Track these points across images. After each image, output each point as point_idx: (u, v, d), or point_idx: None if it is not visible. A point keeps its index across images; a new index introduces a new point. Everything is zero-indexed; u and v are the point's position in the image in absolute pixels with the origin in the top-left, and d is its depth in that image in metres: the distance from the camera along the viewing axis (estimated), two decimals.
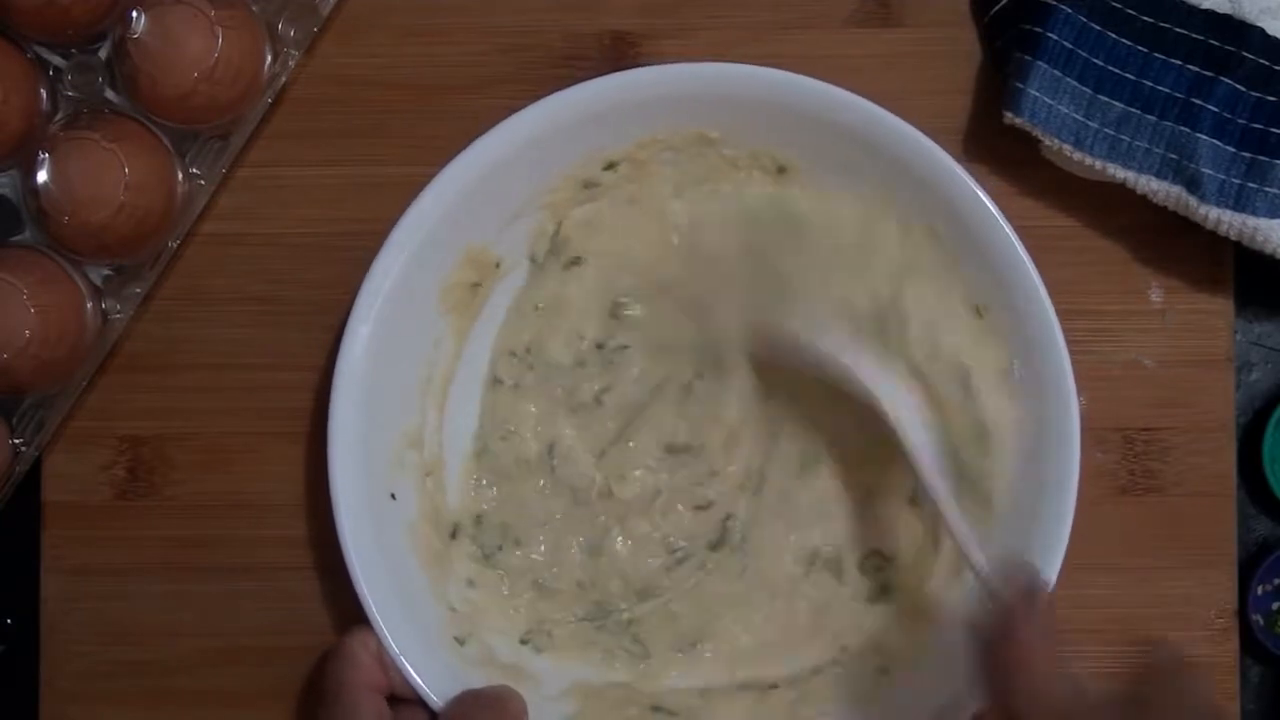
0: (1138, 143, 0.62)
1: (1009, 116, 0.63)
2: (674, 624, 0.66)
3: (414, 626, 0.61)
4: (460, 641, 0.63)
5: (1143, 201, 0.63)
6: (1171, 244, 0.65)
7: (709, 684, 0.65)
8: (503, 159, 0.62)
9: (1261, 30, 0.61)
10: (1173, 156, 0.62)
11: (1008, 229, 0.61)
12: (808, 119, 0.62)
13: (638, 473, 0.66)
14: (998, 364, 0.62)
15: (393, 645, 0.60)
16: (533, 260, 0.66)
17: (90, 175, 0.61)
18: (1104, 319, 0.66)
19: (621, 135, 0.63)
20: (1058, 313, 0.61)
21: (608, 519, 0.66)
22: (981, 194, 0.61)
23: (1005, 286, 0.61)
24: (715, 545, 0.66)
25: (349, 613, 0.61)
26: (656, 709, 0.64)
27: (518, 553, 0.66)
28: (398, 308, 0.62)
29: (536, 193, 0.64)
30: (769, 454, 0.66)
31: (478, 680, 0.62)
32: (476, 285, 0.65)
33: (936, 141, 0.61)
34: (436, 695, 0.60)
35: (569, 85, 0.61)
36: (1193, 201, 0.62)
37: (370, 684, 0.59)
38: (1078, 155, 0.63)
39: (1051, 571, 0.60)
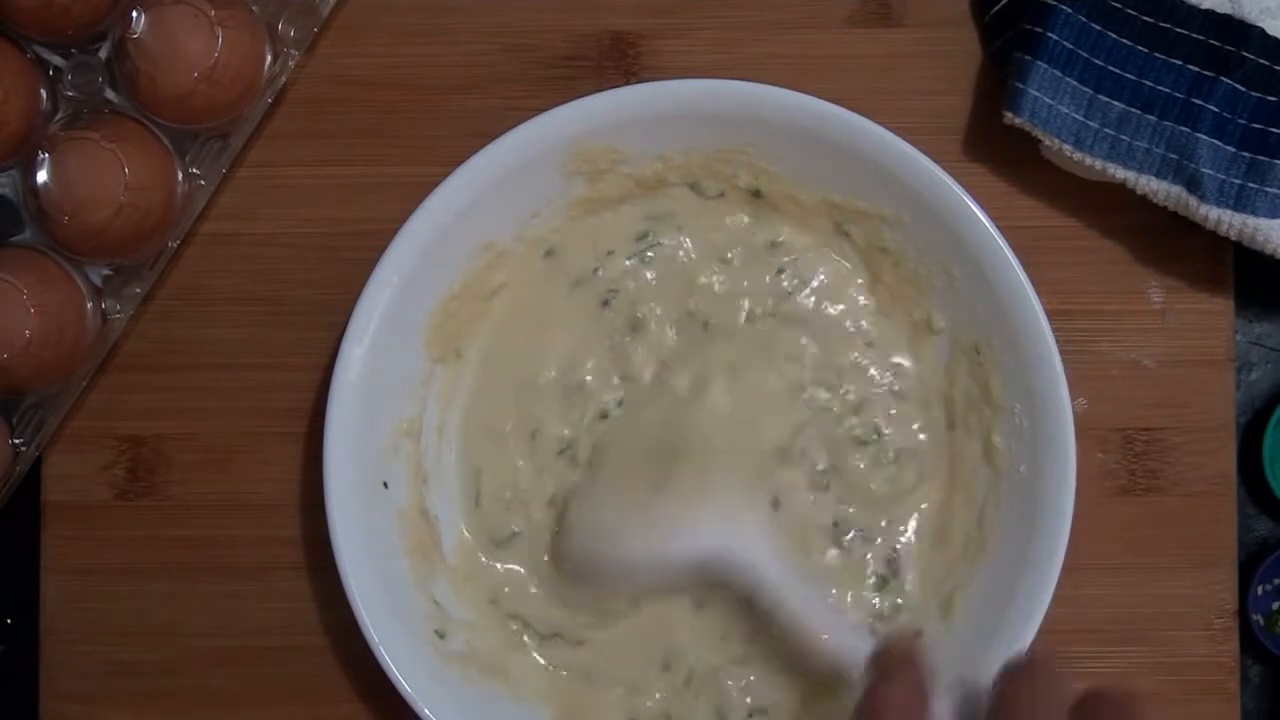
0: (1138, 143, 0.62)
1: (1009, 116, 0.63)
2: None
3: (396, 617, 0.61)
4: (440, 635, 0.63)
5: (1143, 201, 0.63)
6: (1171, 244, 0.65)
7: None
8: (518, 163, 0.61)
9: (1261, 30, 0.61)
10: (1173, 156, 0.62)
11: (1008, 255, 0.61)
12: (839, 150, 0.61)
13: None
14: None
15: (373, 634, 0.60)
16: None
17: (90, 175, 0.61)
18: (1104, 319, 0.66)
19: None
20: (1057, 314, 0.61)
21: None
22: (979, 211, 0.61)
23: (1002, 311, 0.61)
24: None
25: (347, 612, 0.60)
26: None
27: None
28: (403, 299, 0.62)
29: (550, 195, 0.64)
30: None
31: (455, 676, 0.62)
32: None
33: (936, 142, 0.61)
34: (411, 687, 0.60)
35: (568, 85, 0.61)
36: (1193, 201, 0.62)
37: None
38: (1078, 155, 0.62)
39: (1052, 572, 0.60)
